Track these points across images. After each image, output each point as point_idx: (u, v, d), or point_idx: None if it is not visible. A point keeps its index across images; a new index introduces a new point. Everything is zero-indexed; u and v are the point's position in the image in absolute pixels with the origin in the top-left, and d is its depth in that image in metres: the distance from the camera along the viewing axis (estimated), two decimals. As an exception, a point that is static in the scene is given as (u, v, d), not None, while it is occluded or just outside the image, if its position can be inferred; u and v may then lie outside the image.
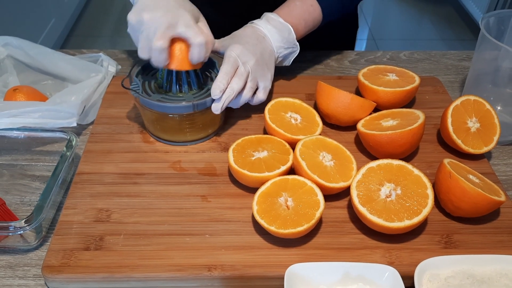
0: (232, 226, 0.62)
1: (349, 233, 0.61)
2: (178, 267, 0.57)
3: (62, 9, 2.63)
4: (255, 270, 0.57)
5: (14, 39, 0.85)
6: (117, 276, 0.56)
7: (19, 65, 0.86)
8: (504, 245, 0.60)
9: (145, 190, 0.66)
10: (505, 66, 0.79)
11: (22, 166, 0.72)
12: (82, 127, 0.80)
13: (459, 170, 0.63)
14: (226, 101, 0.69)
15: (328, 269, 0.54)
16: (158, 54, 0.64)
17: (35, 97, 0.80)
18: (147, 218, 0.62)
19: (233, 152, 0.67)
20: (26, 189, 0.69)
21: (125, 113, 0.79)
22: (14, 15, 2.08)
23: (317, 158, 0.65)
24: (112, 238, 0.60)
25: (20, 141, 0.72)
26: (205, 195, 0.66)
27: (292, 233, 0.57)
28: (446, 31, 2.94)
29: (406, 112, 0.72)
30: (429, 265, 0.54)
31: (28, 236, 0.60)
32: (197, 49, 0.65)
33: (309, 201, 0.60)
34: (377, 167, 0.62)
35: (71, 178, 0.70)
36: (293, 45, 0.79)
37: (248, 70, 0.71)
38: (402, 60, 0.98)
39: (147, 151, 0.73)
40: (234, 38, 0.75)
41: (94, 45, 2.68)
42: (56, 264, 0.57)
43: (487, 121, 0.72)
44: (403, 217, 0.57)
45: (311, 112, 0.76)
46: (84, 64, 0.85)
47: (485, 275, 0.54)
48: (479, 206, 0.59)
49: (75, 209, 0.63)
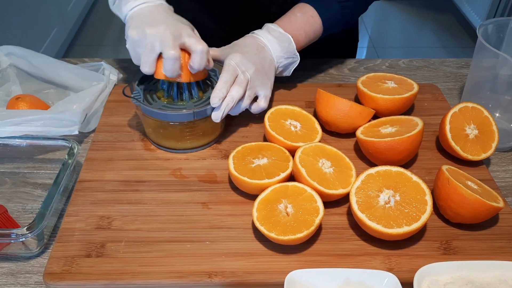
0: (232, 233, 0.62)
1: (348, 239, 0.62)
2: (179, 274, 0.57)
3: (64, 19, 2.65)
4: (255, 277, 0.57)
5: (17, 48, 0.86)
6: (118, 283, 0.56)
7: (21, 74, 0.87)
8: (503, 251, 0.60)
9: (146, 197, 0.67)
10: (503, 73, 0.80)
11: (24, 174, 0.73)
12: (84, 135, 0.80)
13: (458, 176, 0.64)
14: (226, 109, 0.70)
15: (328, 276, 0.54)
16: (173, 63, 0.66)
17: (37, 105, 0.80)
18: (148, 225, 0.63)
19: (233, 159, 0.67)
20: (28, 196, 0.70)
21: (127, 121, 0.80)
22: (17, 24, 2.10)
23: (317, 165, 0.66)
24: (113, 245, 0.60)
25: (22, 149, 0.73)
26: (205, 202, 0.66)
27: (292, 239, 0.57)
28: (447, 39, 2.95)
29: (405, 119, 0.73)
30: (429, 271, 0.54)
31: (30, 243, 0.61)
32: (199, 57, 0.67)
33: (308, 207, 0.60)
34: (376, 174, 0.63)
35: (72, 186, 0.70)
36: (293, 55, 0.80)
37: (247, 78, 0.72)
38: (401, 68, 0.99)
39: (148, 159, 0.73)
40: (234, 47, 0.76)
41: (96, 54, 2.69)
42: (58, 271, 0.57)
43: (485, 127, 0.72)
44: (402, 223, 0.58)
45: (311, 119, 0.76)
46: (86, 72, 0.86)
47: (484, 281, 0.55)
48: (478, 212, 0.60)
49: (77, 216, 0.64)
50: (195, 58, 0.67)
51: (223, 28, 0.93)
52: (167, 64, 0.66)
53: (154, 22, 0.66)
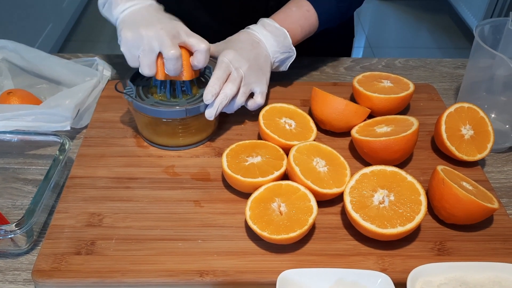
0: (225, 232, 0.61)
1: (342, 239, 0.61)
2: (170, 273, 0.56)
3: (59, 14, 2.64)
4: (247, 276, 0.56)
5: (10, 42, 0.85)
6: (108, 281, 0.56)
7: (14, 68, 0.86)
8: (497, 253, 0.60)
9: (138, 195, 0.66)
10: (499, 74, 0.79)
11: (15, 169, 0.72)
12: (76, 131, 0.79)
13: (453, 177, 0.63)
14: (220, 107, 0.69)
15: (320, 275, 0.54)
16: (174, 63, 0.65)
17: (29, 100, 0.79)
18: (139, 222, 0.62)
19: (226, 157, 0.67)
20: (18, 192, 0.69)
21: (119, 117, 0.79)
22: (11, 19, 2.08)
23: (311, 164, 0.65)
24: (104, 242, 0.59)
25: (13, 145, 0.72)
26: (198, 200, 0.66)
27: (285, 238, 0.57)
28: (443, 40, 2.95)
29: (400, 119, 0.73)
30: (422, 272, 0.54)
31: (19, 240, 0.60)
32: (203, 55, 0.67)
33: (302, 207, 0.60)
34: (371, 173, 0.62)
35: (63, 182, 0.69)
36: (289, 49, 0.79)
37: (241, 75, 0.71)
38: (397, 67, 0.99)
39: (141, 156, 0.72)
40: (228, 43, 0.76)
41: (91, 51, 2.68)
42: (47, 269, 0.56)
43: (481, 128, 0.72)
44: (396, 224, 0.57)
45: (306, 118, 0.76)
46: (79, 68, 0.85)
47: (478, 282, 0.54)
48: (472, 213, 0.59)
49: (67, 213, 0.63)
50: (199, 56, 0.67)
51: (221, 23, 0.92)
52: (169, 63, 0.65)
53: (148, 23, 0.66)
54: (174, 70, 0.66)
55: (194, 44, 0.67)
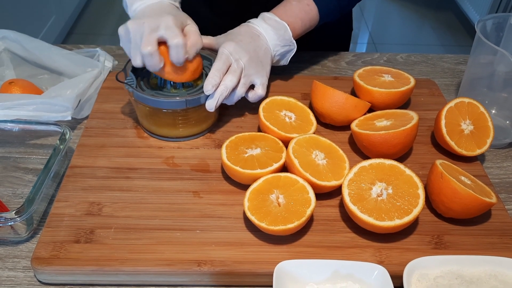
0: (223, 222, 0.62)
1: (340, 231, 0.61)
2: (168, 262, 0.57)
3: (63, 7, 2.63)
4: (244, 266, 0.57)
5: (12, 32, 0.85)
6: (106, 269, 0.56)
7: (16, 58, 0.86)
8: (494, 247, 0.60)
9: (137, 185, 0.66)
10: (500, 70, 0.79)
11: (16, 158, 0.72)
12: (77, 121, 0.80)
13: (451, 171, 0.63)
14: (220, 98, 0.69)
15: (317, 267, 0.54)
16: (150, 59, 0.65)
17: (30, 90, 0.80)
18: (138, 212, 0.62)
19: (226, 148, 0.67)
20: (18, 181, 0.69)
21: (120, 108, 0.79)
22: (14, 11, 2.08)
23: (310, 157, 0.65)
24: (103, 231, 0.60)
25: (14, 134, 0.72)
26: (197, 191, 0.66)
27: (283, 230, 0.57)
28: (446, 37, 2.94)
29: (400, 113, 0.73)
30: (418, 265, 0.54)
31: (19, 228, 0.60)
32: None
33: (300, 198, 0.60)
34: (369, 166, 0.62)
35: (64, 172, 0.70)
36: (290, 43, 0.79)
37: (241, 66, 0.71)
38: (399, 62, 0.99)
39: (141, 146, 0.73)
40: (228, 36, 0.76)
41: (94, 43, 2.66)
42: (46, 256, 0.56)
43: (481, 123, 0.72)
44: (394, 216, 0.57)
45: (306, 111, 0.76)
46: (81, 59, 0.85)
47: (474, 276, 0.54)
48: (470, 207, 0.59)
49: (67, 202, 0.63)
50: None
51: (221, 17, 0.92)
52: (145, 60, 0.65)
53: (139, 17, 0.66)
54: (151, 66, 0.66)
55: (167, 39, 0.65)
